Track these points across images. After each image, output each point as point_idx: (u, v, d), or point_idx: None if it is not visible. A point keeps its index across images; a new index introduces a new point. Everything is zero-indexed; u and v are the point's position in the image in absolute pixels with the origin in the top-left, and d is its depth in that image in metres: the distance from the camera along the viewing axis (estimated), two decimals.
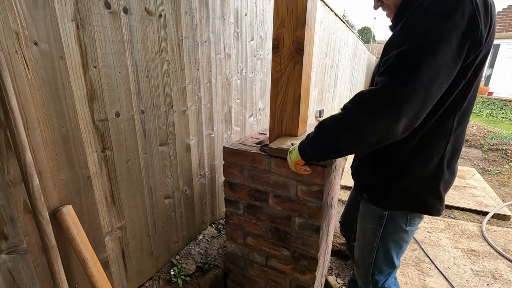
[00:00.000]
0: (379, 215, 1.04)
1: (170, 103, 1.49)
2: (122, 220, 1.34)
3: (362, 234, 1.15)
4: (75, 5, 0.98)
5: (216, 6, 1.72)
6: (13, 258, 0.94)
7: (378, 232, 1.07)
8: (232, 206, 1.43)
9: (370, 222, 1.08)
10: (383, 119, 0.74)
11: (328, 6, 4.40)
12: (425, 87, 0.70)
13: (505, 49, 10.70)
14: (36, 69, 0.90)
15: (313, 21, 1.25)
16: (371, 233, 1.09)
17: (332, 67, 5.63)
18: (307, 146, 0.96)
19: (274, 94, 1.31)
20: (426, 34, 0.71)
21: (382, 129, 0.75)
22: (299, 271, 1.32)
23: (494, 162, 3.95)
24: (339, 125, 0.84)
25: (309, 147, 0.95)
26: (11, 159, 0.88)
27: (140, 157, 1.37)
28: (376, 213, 1.05)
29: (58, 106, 0.98)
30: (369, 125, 0.76)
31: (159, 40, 1.35)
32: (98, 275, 1.10)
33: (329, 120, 0.87)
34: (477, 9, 0.70)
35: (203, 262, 1.73)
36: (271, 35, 1.53)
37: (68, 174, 1.06)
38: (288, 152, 1.08)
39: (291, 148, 1.07)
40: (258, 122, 2.59)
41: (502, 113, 8.31)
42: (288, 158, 1.08)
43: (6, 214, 0.90)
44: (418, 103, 0.72)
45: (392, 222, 1.03)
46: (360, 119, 0.78)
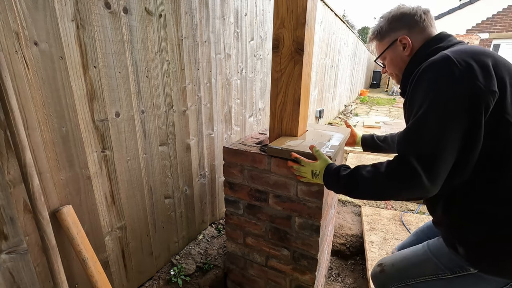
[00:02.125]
0: (460, 265, 0.86)
1: (170, 103, 1.49)
2: (122, 220, 1.34)
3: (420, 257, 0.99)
4: (75, 5, 0.98)
5: (216, 6, 1.72)
6: (13, 258, 0.94)
7: (442, 272, 0.90)
8: (232, 206, 1.43)
9: (440, 260, 0.92)
10: (408, 195, 0.79)
11: (328, 6, 4.40)
12: (444, 172, 0.75)
13: (505, 49, 10.69)
14: (36, 69, 0.90)
15: (313, 21, 1.25)
16: (431, 265, 0.93)
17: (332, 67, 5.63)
18: (332, 185, 0.97)
19: (274, 94, 1.31)
20: (433, 138, 0.74)
21: (408, 198, 0.82)
22: (299, 271, 1.32)
23: None
24: (367, 187, 0.86)
25: (333, 187, 0.97)
26: (11, 159, 0.88)
27: (140, 157, 1.37)
28: (456, 261, 0.87)
29: (58, 106, 0.98)
30: (395, 197, 0.84)
31: (159, 40, 1.35)
32: (98, 275, 1.10)
33: (359, 178, 0.88)
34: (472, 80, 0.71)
35: (203, 262, 1.73)
36: (271, 35, 1.53)
37: (68, 174, 1.06)
38: (312, 173, 1.04)
39: (315, 171, 1.03)
40: (258, 122, 2.59)
41: None
42: (310, 177, 1.05)
43: (6, 214, 0.90)
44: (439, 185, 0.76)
45: (474, 282, 0.85)
46: (386, 192, 0.83)
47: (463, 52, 0.75)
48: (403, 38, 0.92)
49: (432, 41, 0.89)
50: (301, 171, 1.08)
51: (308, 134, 1.38)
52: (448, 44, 0.86)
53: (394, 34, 0.95)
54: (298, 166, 1.09)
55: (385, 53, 1.00)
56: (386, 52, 0.99)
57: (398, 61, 0.97)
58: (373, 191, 0.86)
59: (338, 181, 0.94)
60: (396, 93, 12.80)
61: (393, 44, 0.96)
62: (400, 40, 0.93)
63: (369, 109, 8.82)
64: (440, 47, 0.86)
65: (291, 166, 1.12)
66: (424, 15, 0.91)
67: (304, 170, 1.07)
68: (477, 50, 0.77)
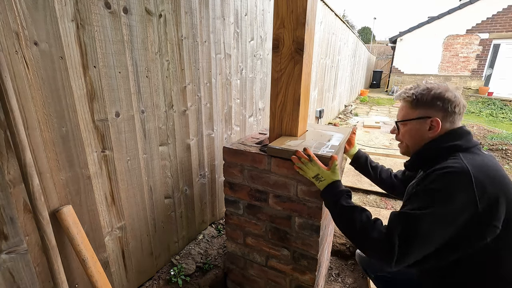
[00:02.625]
0: None
1: (170, 103, 1.49)
2: (122, 220, 1.34)
3: None
4: (75, 5, 0.98)
5: (216, 6, 1.72)
6: (13, 258, 0.94)
7: None
8: (232, 206, 1.43)
9: None
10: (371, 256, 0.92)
11: (328, 6, 4.40)
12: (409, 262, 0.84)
13: (505, 49, 10.69)
14: (36, 69, 0.90)
15: (313, 21, 1.25)
16: None
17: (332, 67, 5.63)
18: (329, 200, 1.03)
19: (274, 94, 1.31)
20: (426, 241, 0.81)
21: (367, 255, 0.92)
22: (299, 271, 1.32)
23: None
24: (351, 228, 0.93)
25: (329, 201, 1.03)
26: (11, 159, 0.88)
27: (140, 157, 1.37)
28: None
29: (58, 106, 0.98)
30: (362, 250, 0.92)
31: (159, 40, 1.35)
32: (98, 275, 1.10)
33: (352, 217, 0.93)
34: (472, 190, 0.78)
35: (203, 262, 1.73)
36: (271, 35, 1.53)
37: (68, 174, 1.06)
38: (317, 176, 1.06)
39: (320, 177, 1.06)
40: (258, 122, 2.59)
41: (502, 113, 8.30)
42: (311, 175, 1.08)
43: (6, 214, 0.90)
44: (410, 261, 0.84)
45: None
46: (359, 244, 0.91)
47: (482, 172, 0.81)
48: (436, 121, 0.93)
49: (453, 134, 0.93)
50: (307, 167, 1.08)
51: (308, 134, 1.38)
52: (466, 144, 0.90)
53: (430, 111, 0.94)
54: (306, 161, 1.08)
55: (408, 122, 0.99)
56: (409, 121, 0.99)
57: (418, 136, 0.98)
58: (352, 235, 0.93)
59: (336, 202, 0.99)
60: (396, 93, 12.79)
61: (422, 119, 0.95)
62: (432, 121, 0.93)
63: (369, 109, 8.82)
64: (458, 146, 0.90)
65: (298, 157, 1.09)
66: (462, 109, 0.94)
67: (311, 168, 1.07)
68: (494, 173, 0.83)
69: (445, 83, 0.97)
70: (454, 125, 0.94)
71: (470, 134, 0.92)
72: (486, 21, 10.64)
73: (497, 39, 10.67)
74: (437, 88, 0.94)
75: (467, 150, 0.89)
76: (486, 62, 11.03)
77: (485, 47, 10.90)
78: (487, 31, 10.70)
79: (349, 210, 0.95)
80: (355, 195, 2.77)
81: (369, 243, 0.87)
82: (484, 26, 10.70)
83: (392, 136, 4.92)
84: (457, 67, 11.64)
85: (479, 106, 9.17)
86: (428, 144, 0.96)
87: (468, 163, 0.82)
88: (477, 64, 11.20)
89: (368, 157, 1.44)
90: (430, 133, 0.95)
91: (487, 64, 11.07)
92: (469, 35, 11.10)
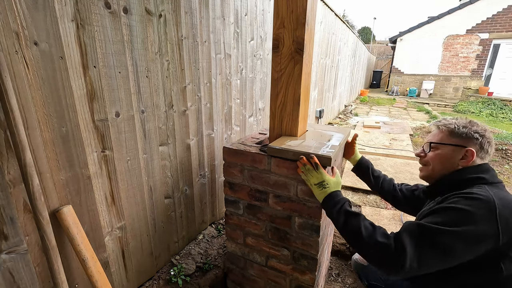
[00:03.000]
0: None
1: (170, 103, 1.49)
2: (122, 220, 1.34)
3: None
4: (75, 5, 0.98)
5: (216, 6, 1.72)
6: (13, 258, 0.94)
7: None
8: (232, 206, 1.43)
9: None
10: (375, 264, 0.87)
11: (328, 6, 4.40)
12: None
13: (505, 49, 10.69)
14: (36, 69, 0.90)
15: (313, 21, 1.25)
16: None
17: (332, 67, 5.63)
18: (331, 207, 1.01)
19: (274, 94, 1.31)
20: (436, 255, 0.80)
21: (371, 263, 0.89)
22: (299, 271, 1.32)
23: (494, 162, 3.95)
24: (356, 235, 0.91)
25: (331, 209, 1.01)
26: (11, 159, 0.88)
27: (140, 157, 1.37)
28: None
29: (58, 106, 0.98)
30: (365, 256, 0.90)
31: (159, 40, 1.35)
32: (98, 275, 1.10)
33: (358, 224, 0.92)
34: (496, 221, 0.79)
35: (203, 262, 1.73)
36: (271, 35, 1.53)
37: (68, 174, 1.06)
38: (321, 183, 1.05)
39: (326, 184, 1.05)
40: (258, 122, 2.59)
41: (502, 113, 8.30)
42: (314, 182, 1.07)
43: (6, 214, 0.90)
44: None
45: None
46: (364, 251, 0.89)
47: (506, 207, 0.82)
48: (471, 152, 0.96)
49: (481, 168, 0.96)
50: (311, 174, 1.07)
51: (308, 134, 1.38)
52: (492, 179, 0.93)
53: (467, 142, 0.97)
54: (311, 169, 1.07)
55: (443, 147, 1.01)
56: (444, 146, 1.01)
57: (448, 162, 1.00)
58: (359, 242, 0.90)
59: (340, 209, 0.98)
60: (396, 93, 12.81)
61: (458, 147, 0.98)
62: (467, 151, 0.96)
63: (369, 109, 8.82)
64: (485, 179, 0.93)
65: (304, 163, 1.08)
66: (492, 151, 0.99)
67: (315, 175, 1.06)
68: None
69: (484, 125, 1.01)
70: (482, 161, 0.98)
71: (494, 171, 0.97)
72: (486, 21, 10.64)
73: (497, 39, 10.67)
74: (478, 125, 0.99)
75: (493, 184, 0.91)
76: (486, 62, 11.04)
77: (485, 47, 10.91)
78: (487, 31, 10.70)
79: (355, 217, 0.94)
80: (355, 195, 2.77)
81: (375, 249, 0.85)
82: (484, 26, 10.70)
83: (392, 136, 4.92)
84: (457, 67, 11.64)
85: (479, 106, 9.17)
86: (456, 172, 0.98)
87: (494, 195, 0.84)
88: (477, 64, 11.20)
89: (371, 165, 1.44)
90: (462, 162, 0.98)
91: (487, 64, 11.07)
92: (469, 35, 11.10)
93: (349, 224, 0.94)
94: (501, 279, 0.83)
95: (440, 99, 11.57)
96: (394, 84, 13.10)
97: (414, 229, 0.83)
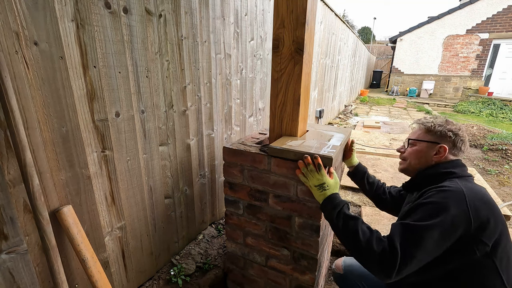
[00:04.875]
0: None
1: (170, 103, 1.49)
2: (122, 220, 1.34)
3: None
4: (75, 5, 0.98)
5: (216, 6, 1.72)
6: (13, 258, 0.94)
7: None
8: (232, 206, 1.43)
9: None
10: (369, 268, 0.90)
11: (328, 6, 4.40)
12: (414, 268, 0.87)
13: (505, 49, 10.69)
14: (36, 69, 0.90)
15: (313, 21, 1.25)
16: None
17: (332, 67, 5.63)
18: (330, 209, 1.02)
19: (274, 94, 1.31)
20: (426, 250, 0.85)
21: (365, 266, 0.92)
22: (299, 271, 1.32)
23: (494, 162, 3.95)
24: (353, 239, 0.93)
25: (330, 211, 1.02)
26: (11, 159, 0.88)
27: (140, 157, 1.37)
28: None
29: (58, 106, 0.98)
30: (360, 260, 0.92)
31: (159, 40, 1.35)
32: (98, 275, 1.10)
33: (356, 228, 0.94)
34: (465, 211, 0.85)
35: (203, 262, 1.73)
36: (271, 35, 1.53)
37: (68, 174, 1.06)
38: (321, 185, 1.06)
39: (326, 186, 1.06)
40: (258, 122, 2.59)
41: (502, 113, 8.30)
42: (313, 183, 1.08)
43: (6, 214, 0.90)
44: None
45: None
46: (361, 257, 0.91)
47: (475, 196, 0.89)
48: (444, 148, 1.04)
49: (452, 163, 1.04)
50: (312, 175, 1.07)
51: (309, 134, 1.38)
52: (462, 173, 1.00)
53: (440, 139, 1.05)
54: (313, 169, 1.07)
55: (419, 143, 1.10)
56: (420, 143, 1.10)
57: (423, 157, 1.08)
58: (357, 246, 0.92)
59: (340, 212, 1.00)
60: (396, 93, 12.81)
61: (432, 143, 1.06)
62: (440, 147, 1.04)
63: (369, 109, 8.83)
64: (455, 173, 1.00)
65: (308, 163, 1.08)
66: (466, 148, 1.06)
67: (316, 177, 1.07)
68: (486, 199, 0.90)
69: (460, 124, 1.09)
70: (455, 157, 1.06)
71: (465, 167, 1.04)
72: (486, 21, 10.64)
73: (497, 39, 10.68)
74: (453, 124, 1.07)
75: (462, 177, 0.99)
76: (486, 62, 11.04)
77: (485, 47, 10.91)
78: (487, 31, 10.70)
79: (353, 221, 0.96)
80: (355, 195, 2.77)
81: (374, 253, 0.87)
82: (484, 26, 10.70)
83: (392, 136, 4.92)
84: (457, 67, 11.64)
85: (479, 106, 9.17)
86: (430, 167, 1.06)
87: (463, 186, 0.92)
88: (477, 64, 11.21)
89: (367, 172, 1.45)
90: (435, 157, 1.05)
91: (487, 64, 11.07)
92: (469, 35, 11.10)
93: (347, 228, 0.96)
94: (475, 260, 0.89)
95: (440, 99, 11.57)
96: (394, 84, 13.10)
97: (400, 229, 0.89)
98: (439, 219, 0.85)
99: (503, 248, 0.90)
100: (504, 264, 0.90)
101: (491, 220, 0.87)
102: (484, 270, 0.89)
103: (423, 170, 1.08)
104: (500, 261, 0.89)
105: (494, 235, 0.87)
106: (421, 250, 0.84)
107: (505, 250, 0.90)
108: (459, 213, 0.85)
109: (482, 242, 0.87)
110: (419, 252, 0.84)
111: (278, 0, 1.18)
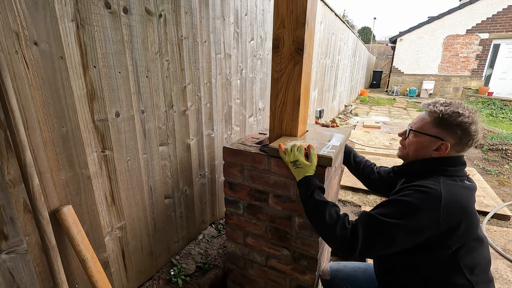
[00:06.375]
0: None
1: (170, 103, 1.49)
2: (122, 220, 1.34)
3: None
4: (75, 5, 0.98)
5: (216, 6, 1.72)
6: (13, 258, 0.94)
7: None
8: (232, 206, 1.43)
9: None
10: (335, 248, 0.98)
11: (328, 6, 4.40)
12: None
13: (505, 49, 10.69)
14: (36, 69, 0.90)
15: (313, 21, 1.25)
16: None
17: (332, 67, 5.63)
18: (304, 190, 1.07)
19: (274, 94, 1.31)
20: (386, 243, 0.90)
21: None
22: (299, 271, 1.32)
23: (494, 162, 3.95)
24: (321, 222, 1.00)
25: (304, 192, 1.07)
26: (11, 159, 0.88)
27: (140, 157, 1.37)
28: None
29: (58, 106, 0.98)
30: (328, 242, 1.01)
31: (159, 40, 1.35)
32: (98, 275, 1.10)
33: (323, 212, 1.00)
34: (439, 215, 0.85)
35: (203, 262, 1.73)
36: (271, 35, 1.53)
37: (68, 174, 1.06)
38: (295, 164, 1.09)
39: (298, 164, 1.09)
40: (258, 122, 2.59)
41: (502, 113, 8.30)
42: (291, 166, 1.12)
43: (6, 214, 0.90)
44: None
45: None
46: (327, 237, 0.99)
47: (454, 198, 0.87)
48: (445, 146, 0.95)
49: (449, 161, 0.97)
50: (292, 153, 1.11)
51: (309, 134, 1.38)
52: (453, 173, 0.96)
53: (445, 134, 0.95)
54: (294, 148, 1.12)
55: (421, 135, 1.01)
56: (422, 135, 1.01)
57: (422, 150, 1.01)
58: (322, 228, 1.00)
59: (311, 194, 1.05)
60: (396, 93, 12.80)
61: (434, 138, 0.97)
62: (442, 144, 0.96)
63: (369, 109, 8.83)
64: (445, 171, 0.96)
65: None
66: (475, 144, 0.97)
67: (293, 154, 1.11)
68: (466, 203, 0.88)
69: (476, 114, 0.96)
70: (458, 154, 0.98)
71: (464, 165, 0.99)
72: (486, 21, 10.64)
73: (497, 39, 10.68)
74: (466, 116, 0.93)
75: (451, 177, 0.95)
76: (486, 62, 11.04)
77: (485, 47, 10.91)
78: (487, 31, 10.70)
79: (321, 204, 1.02)
80: (355, 195, 2.77)
81: (335, 237, 0.95)
82: (484, 26, 10.70)
83: (392, 136, 4.92)
84: (457, 67, 11.64)
85: (479, 106, 9.17)
86: (425, 161, 1.01)
87: (444, 188, 0.89)
88: (477, 64, 11.20)
89: (353, 151, 1.47)
90: (434, 153, 0.99)
91: (487, 64, 11.07)
92: (469, 35, 11.10)
93: (315, 210, 1.02)
94: (438, 258, 0.91)
95: None
96: (394, 84, 13.10)
97: (366, 220, 0.93)
98: (407, 220, 0.86)
99: (470, 252, 0.90)
100: (469, 265, 0.90)
101: (461, 226, 0.86)
102: (447, 268, 0.91)
103: (418, 161, 1.04)
104: (465, 262, 0.90)
105: (461, 240, 0.88)
106: (382, 242, 0.89)
107: (474, 255, 0.90)
108: (429, 217, 0.85)
109: (445, 245, 0.88)
110: (379, 244, 0.90)
111: (278, 0, 1.18)
